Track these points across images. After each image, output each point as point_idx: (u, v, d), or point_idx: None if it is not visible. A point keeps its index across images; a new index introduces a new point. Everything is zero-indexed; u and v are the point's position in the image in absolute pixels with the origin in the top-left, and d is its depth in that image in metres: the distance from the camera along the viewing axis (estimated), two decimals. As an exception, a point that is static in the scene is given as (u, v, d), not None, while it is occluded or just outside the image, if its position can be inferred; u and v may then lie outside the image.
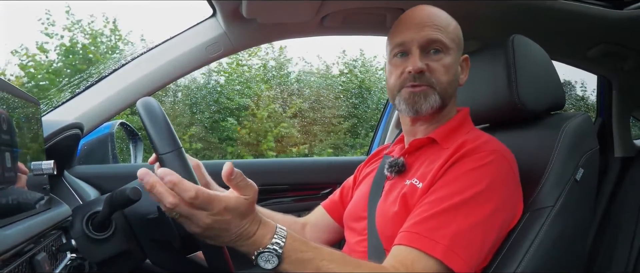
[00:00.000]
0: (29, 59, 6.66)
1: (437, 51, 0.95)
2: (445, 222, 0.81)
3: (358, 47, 9.17)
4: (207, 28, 1.39)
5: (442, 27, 0.95)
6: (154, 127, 0.78)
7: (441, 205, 0.83)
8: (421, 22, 0.95)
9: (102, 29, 7.21)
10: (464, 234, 0.80)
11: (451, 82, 0.96)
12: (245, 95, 7.35)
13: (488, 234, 0.84)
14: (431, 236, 0.80)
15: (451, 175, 0.87)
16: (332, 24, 1.38)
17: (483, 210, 0.83)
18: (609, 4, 1.35)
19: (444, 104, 0.97)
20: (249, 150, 7.12)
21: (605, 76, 1.77)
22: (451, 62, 0.96)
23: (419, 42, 0.94)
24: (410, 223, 0.84)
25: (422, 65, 0.93)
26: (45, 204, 0.81)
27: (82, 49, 6.91)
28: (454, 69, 0.97)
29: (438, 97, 0.95)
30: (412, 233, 0.82)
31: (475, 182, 0.84)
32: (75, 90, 1.41)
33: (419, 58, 0.94)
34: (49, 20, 6.84)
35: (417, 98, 0.95)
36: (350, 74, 8.30)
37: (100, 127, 1.42)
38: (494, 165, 0.87)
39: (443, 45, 0.95)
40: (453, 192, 0.84)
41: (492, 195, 0.84)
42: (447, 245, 0.79)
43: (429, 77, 0.94)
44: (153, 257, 0.95)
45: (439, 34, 0.94)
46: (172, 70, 1.39)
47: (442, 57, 0.95)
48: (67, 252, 0.85)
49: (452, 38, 0.96)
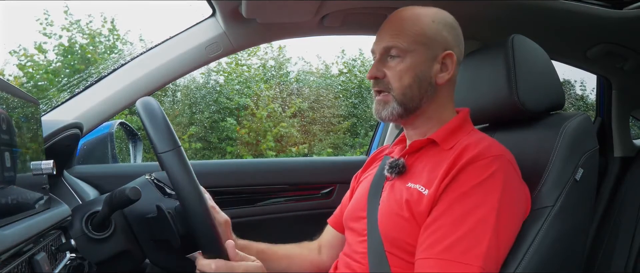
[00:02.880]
0: (28, 59, 6.65)
1: (393, 57, 0.96)
2: (474, 243, 0.82)
3: (357, 47, 9.17)
4: (207, 28, 1.39)
5: (402, 29, 0.96)
6: (153, 127, 0.78)
7: (463, 225, 0.83)
8: (383, 30, 0.99)
9: (100, 28, 7.21)
10: (493, 250, 0.82)
11: (410, 85, 0.95)
12: (244, 94, 7.34)
13: (510, 239, 0.87)
14: (465, 260, 0.81)
15: (460, 188, 0.86)
16: (331, 24, 1.38)
17: (502, 220, 0.84)
18: (609, 4, 1.35)
19: (407, 110, 0.97)
20: (249, 150, 7.12)
21: (604, 76, 1.77)
22: (410, 64, 0.95)
23: (378, 50, 0.99)
24: (437, 250, 0.83)
25: (376, 72, 0.97)
26: (44, 204, 0.81)
27: (80, 49, 6.91)
28: (415, 71, 0.95)
29: (396, 103, 0.96)
30: (443, 261, 0.82)
31: (489, 194, 0.85)
32: (75, 90, 1.41)
33: (376, 65, 0.98)
34: (47, 20, 6.84)
35: (378, 106, 0.99)
36: (350, 73, 8.30)
37: (100, 127, 1.42)
38: (502, 171, 0.87)
39: (400, 49, 0.95)
40: (470, 208, 0.84)
41: (507, 203, 0.85)
42: (481, 266, 0.80)
43: (386, 83, 0.97)
44: (152, 257, 0.95)
45: (395, 40, 0.95)
46: (171, 70, 1.39)
47: (398, 63, 0.95)
48: (67, 252, 0.85)
49: (415, 39, 0.95)
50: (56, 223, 0.80)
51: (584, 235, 1.01)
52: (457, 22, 1.01)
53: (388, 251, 0.92)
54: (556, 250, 0.91)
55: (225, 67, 7.60)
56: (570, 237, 0.94)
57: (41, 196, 0.80)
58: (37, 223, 0.71)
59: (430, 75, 0.97)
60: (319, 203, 1.66)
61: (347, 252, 1.04)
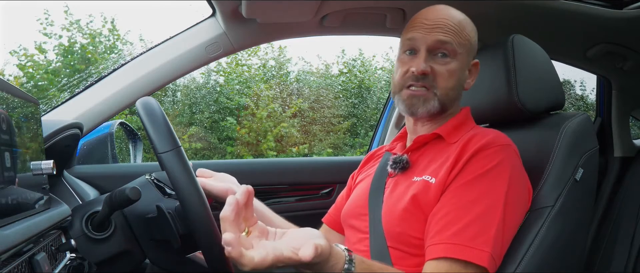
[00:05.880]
0: (28, 59, 6.65)
1: (444, 55, 0.94)
2: (484, 229, 0.82)
3: (357, 47, 9.19)
4: (207, 28, 1.39)
5: (454, 30, 0.94)
6: (153, 127, 0.78)
7: (472, 211, 0.83)
8: (434, 23, 0.94)
9: (100, 28, 7.22)
10: (499, 234, 0.83)
11: (454, 87, 0.96)
12: (244, 94, 7.34)
13: (514, 227, 0.89)
14: (475, 245, 0.81)
15: (469, 175, 0.87)
16: (331, 24, 1.38)
17: (510, 207, 0.85)
18: (609, 4, 1.36)
19: (443, 109, 0.97)
20: (249, 150, 7.12)
21: (604, 76, 1.77)
22: (457, 67, 0.95)
23: (427, 42, 0.94)
24: (447, 235, 0.83)
25: (426, 67, 0.93)
26: (44, 204, 0.81)
27: (80, 49, 6.91)
28: (459, 74, 0.96)
29: (437, 102, 0.95)
30: (454, 245, 0.82)
31: (497, 181, 0.85)
32: (75, 90, 1.41)
33: (425, 59, 0.93)
34: (47, 20, 6.85)
35: (415, 100, 0.95)
36: (350, 73, 8.30)
37: (100, 127, 1.42)
38: (509, 160, 0.88)
39: (451, 49, 0.94)
40: (478, 195, 0.85)
41: (514, 191, 0.87)
42: (490, 252, 0.81)
43: (432, 80, 0.94)
44: (152, 257, 0.95)
45: (449, 37, 0.93)
46: (171, 70, 1.39)
47: (449, 62, 0.94)
48: (67, 252, 0.85)
49: (462, 43, 0.95)
50: (56, 223, 0.80)
51: (584, 235, 1.01)
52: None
53: (390, 246, 0.92)
54: (556, 250, 0.91)
55: (225, 67, 7.61)
56: (570, 237, 0.94)
57: (41, 196, 0.80)
58: (37, 223, 0.71)
59: (464, 81, 0.99)
60: (319, 203, 1.66)
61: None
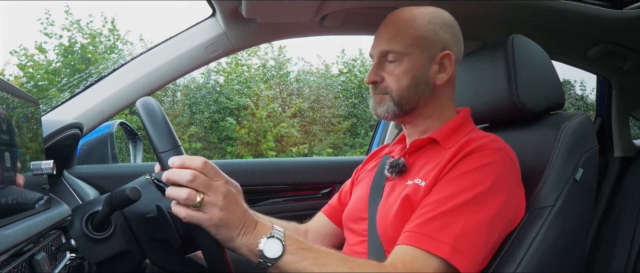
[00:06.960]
0: (28, 59, 6.66)
1: (390, 61, 0.97)
2: (450, 222, 0.81)
3: (357, 47, 9.18)
4: (207, 28, 1.39)
5: (398, 33, 0.96)
6: (153, 127, 0.78)
7: (446, 204, 0.83)
8: (379, 33, 1.00)
9: (100, 28, 7.22)
10: (469, 234, 0.81)
11: (409, 86, 0.96)
12: (244, 94, 7.35)
13: (492, 233, 0.84)
14: (436, 236, 0.80)
15: (456, 173, 0.87)
16: (331, 24, 1.38)
17: (487, 209, 0.83)
18: (609, 4, 1.36)
19: (402, 109, 0.97)
20: (249, 150, 7.12)
21: (604, 76, 1.77)
22: (409, 67, 0.96)
23: (376, 53, 1.00)
24: (414, 224, 0.84)
25: (374, 77, 0.99)
26: (44, 204, 0.81)
27: (80, 49, 6.92)
28: (414, 73, 0.96)
29: (392, 103, 0.97)
30: (416, 234, 0.82)
31: (481, 180, 0.85)
32: (75, 90, 1.41)
33: (376, 69, 0.99)
34: (48, 20, 6.86)
35: (374, 104, 1.01)
36: (350, 73, 8.31)
37: (100, 127, 1.42)
38: (499, 163, 0.87)
39: (397, 52, 0.96)
40: (458, 191, 0.84)
41: (497, 194, 0.85)
42: (452, 244, 0.79)
43: (384, 87, 0.98)
44: (152, 257, 0.95)
45: (391, 44, 0.96)
46: (171, 70, 1.39)
47: (396, 66, 0.96)
48: (67, 252, 0.85)
49: (412, 42, 0.96)
50: (56, 223, 0.80)
51: (584, 235, 1.01)
52: (455, 20, 1.01)
53: (386, 250, 0.92)
54: (556, 250, 0.91)
55: (225, 67, 7.61)
56: (570, 237, 0.94)
57: (41, 196, 0.80)
58: (37, 223, 0.71)
59: (428, 77, 0.97)
60: (319, 203, 1.66)
61: (346, 252, 1.04)
